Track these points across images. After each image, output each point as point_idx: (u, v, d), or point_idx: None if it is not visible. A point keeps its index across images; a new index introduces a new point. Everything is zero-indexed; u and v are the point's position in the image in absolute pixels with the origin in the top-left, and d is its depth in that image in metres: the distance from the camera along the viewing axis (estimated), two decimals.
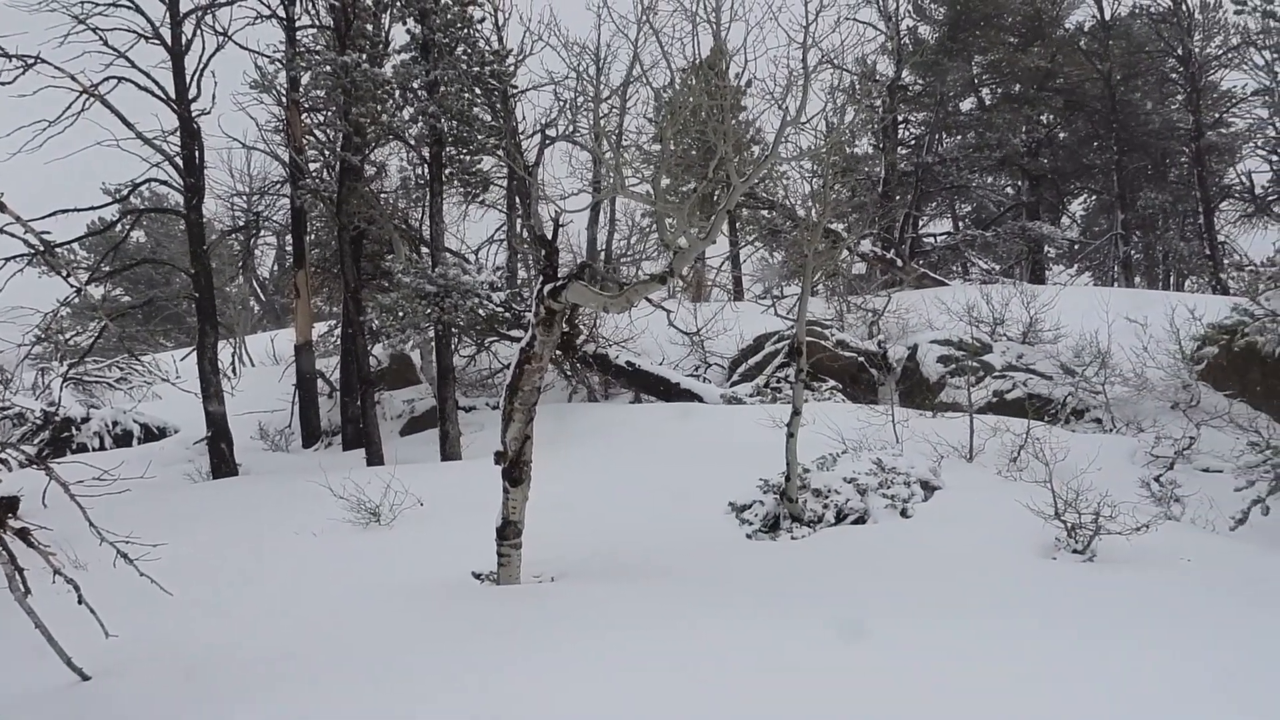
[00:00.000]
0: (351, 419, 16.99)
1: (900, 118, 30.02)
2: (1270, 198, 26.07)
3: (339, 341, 19.04)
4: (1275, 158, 26.30)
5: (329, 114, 17.82)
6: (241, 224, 24.57)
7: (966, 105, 31.70)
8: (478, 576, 7.74)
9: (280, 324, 32.53)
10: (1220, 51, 29.15)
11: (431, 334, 15.55)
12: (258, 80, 18.49)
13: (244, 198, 26.44)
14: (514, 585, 7.38)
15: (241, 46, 16.64)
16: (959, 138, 31.27)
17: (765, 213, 22.89)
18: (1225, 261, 27.43)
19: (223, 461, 14.82)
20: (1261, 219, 26.63)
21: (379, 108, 14.57)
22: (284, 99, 17.93)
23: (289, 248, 23.40)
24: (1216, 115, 29.21)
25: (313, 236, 20.73)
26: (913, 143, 31.03)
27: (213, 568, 8.14)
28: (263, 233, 27.69)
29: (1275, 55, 24.47)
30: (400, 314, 14.63)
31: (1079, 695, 4.72)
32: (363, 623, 6.50)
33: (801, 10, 7.62)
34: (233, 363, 21.40)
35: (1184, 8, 28.69)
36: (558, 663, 5.33)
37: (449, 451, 14.37)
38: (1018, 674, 5.00)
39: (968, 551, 7.56)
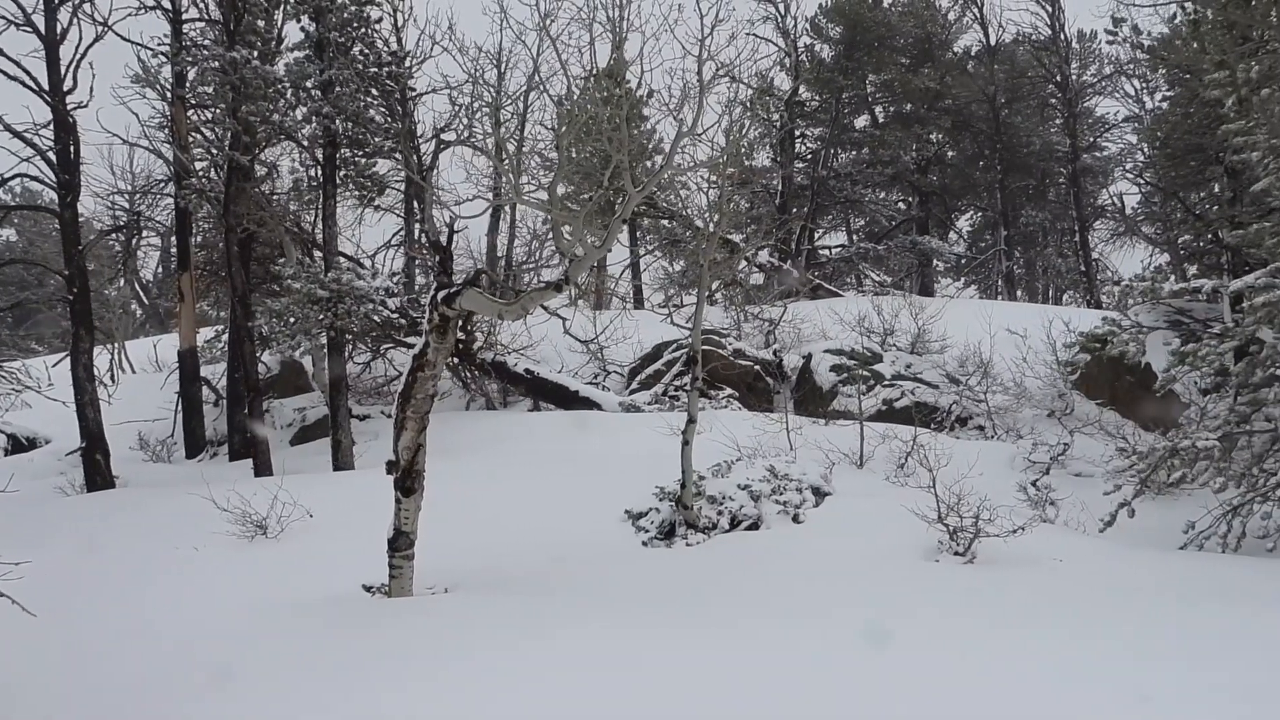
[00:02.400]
0: (239, 428, 16.37)
1: (797, 132, 30.74)
2: (1139, 218, 27.64)
3: (226, 347, 18.35)
4: (1143, 181, 27.91)
5: (217, 111, 17.18)
6: (122, 224, 23.43)
7: (861, 122, 32.68)
8: (369, 589, 7.57)
9: (164, 329, 31.16)
10: (1095, 79, 30.90)
11: (324, 340, 15.13)
12: (140, 74, 17.68)
13: (125, 196, 25.25)
14: (406, 598, 7.23)
15: (123, 38, 15.89)
16: (853, 153, 32.21)
17: (665, 222, 23.10)
18: (1099, 277, 29.01)
19: (98, 473, 14.07)
20: (1131, 238, 28.20)
21: (270, 106, 14.14)
22: (169, 94, 17.21)
23: (174, 249, 22.44)
24: (1091, 139, 30.91)
25: (199, 238, 19.94)
26: (809, 157, 31.81)
27: (81, 587, 7.73)
28: (145, 233, 26.51)
29: (1144, 84, 26.01)
30: (291, 319, 14.20)
31: (939, 688, 4.86)
32: (241, 643, 6.23)
33: (698, 24, 7.74)
34: (111, 369, 20.33)
35: (1062, 37, 30.31)
36: (437, 687, 5.20)
37: (341, 461, 14.00)
38: (886, 671, 5.13)
39: (855, 555, 7.76)
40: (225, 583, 7.82)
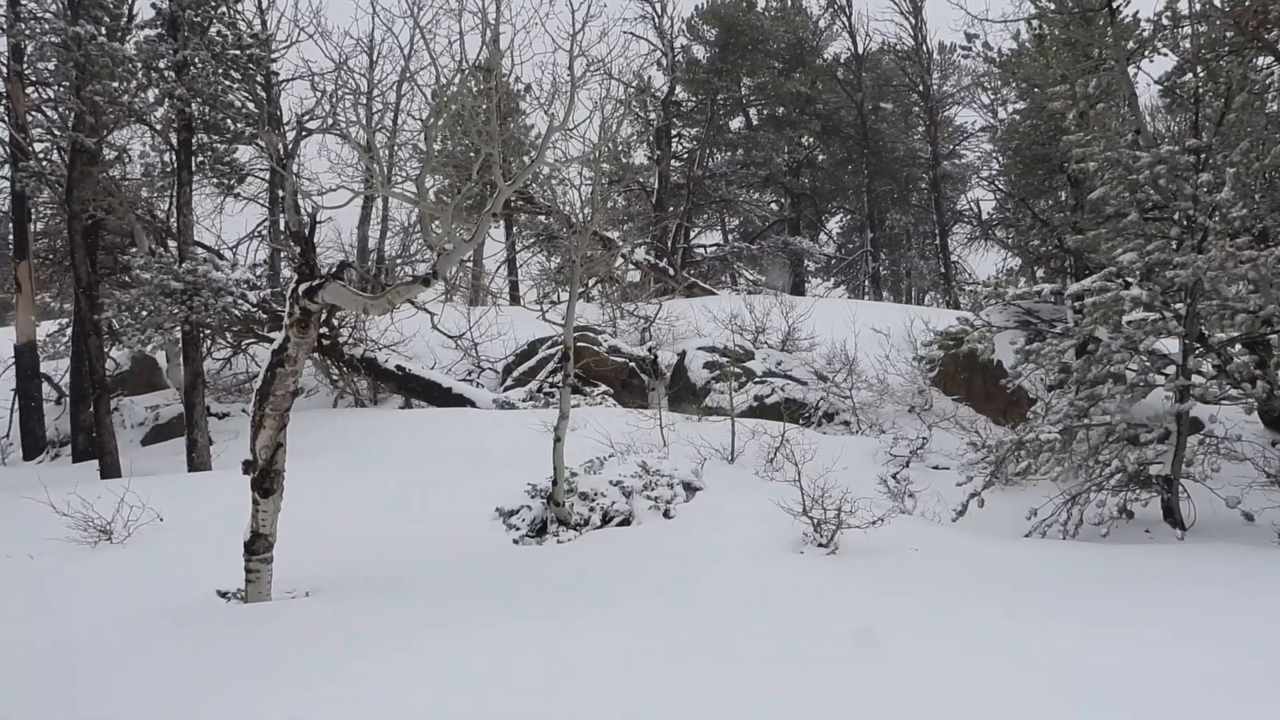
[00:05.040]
0: (83, 427, 15.39)
1: (674, 131, 31.10)
2: (994, 223, 29.15)
3: (70, 342, 17.22)
4: (997, 188, 29.46)
5: (59, 90, 16.07)
6: None
7: (735, 124, 33.34)
8: (224, 595, 7.22)
9: (0, 321, 28.99)
10: (954, 90, 32.42)
11: (178, 335, 14.38)
12: None
13: None
14: (264, 603, 6.93)
15: None
16: (728, 154, 32.82)
17: (542, 218, 22.97)
18: (957, 279, 30.47)
19: None
20: (986, 242, 29.72)
21: (119, 87, 13.32)
22: (4, 69, 15.98)
23: (10, 236, 20.86)
24: (951, 147, 32.41)
25: (40, 225, 18.65)
26: (685, 156, 32.24)
27: None
28: None
29: (996, 97, 27.42)
30: (142, 312, 13.45)
31: (801, 673, 4.99)
32: (76, 656, 5.83)
33: (569, 19, 7.70)
34: None
35: (924, 48, 31.65)
36: (295, 694, 4.99)
37: (197, 461, 13.34)
38: (750, 659, 5.24)
39: (724, 549, 7.89)
40: (63, 593, 7.31)
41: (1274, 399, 9.28)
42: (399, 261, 22.65)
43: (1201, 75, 10.21)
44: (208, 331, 14.95)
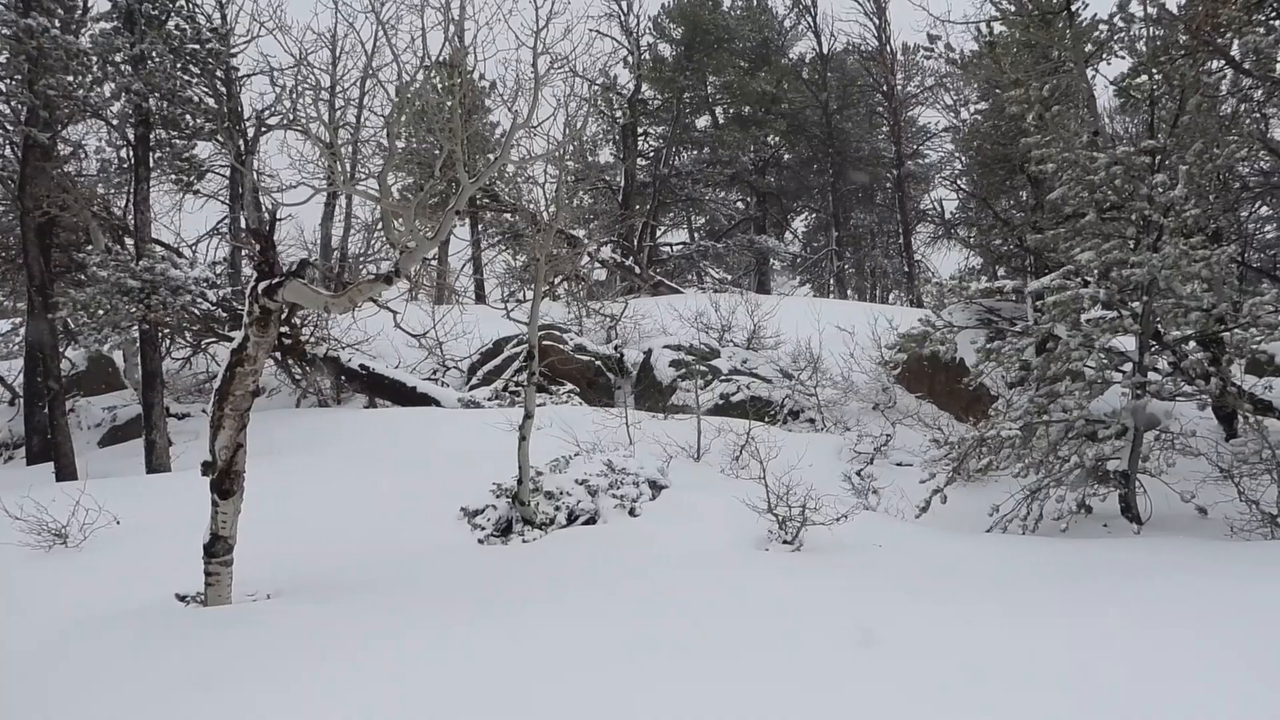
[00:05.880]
0: (38, 429, 15.08)
1: (640, 130, 31.10)
2: (956, 223, 29.47)
3: (23, 341, 16.86)
4: (959, 187, 29.81)
5: (11, 83, 15.72)
6: None
7: (701, 122, 33.40)
8: (182, 599, 7.10)
9: None
10: (918, 90, 32.72)
11: (136, 334, 14.13)
12: None
13: None
14: (224, 606, 6.83)
15: None
16: (694, 153, 32.88)
17: (508, 216, 22.88)
18: (920, 277, 30.78)
19: None
20: (949, 241, 30.06)
21: (73, 80, 13.05)
22: None
23: None
24: (914, 147, 32.71)
25: None
26: (651, 155, 32.25)
27: None
28: None
29: (958, 97, 27.75)
30: (99, 311, 13.20)
31: (759, 669, 5.00)
32: (29, 665, 5.69)
33: (533, 15, 7.66)
34: None
35: (888, 49, 31.92)
36: (262, 700, 4.90)
37: (156, 463, 13.12)
38: (713, 659, 5.25)
39: (688, 547, 7.90)
40: (15, 598, 7.15)
41: (1227, 395, 9.48)
42: (362, 259, 22.44)
43: (1156, 78, 10.39)
44: (166, 330, 14.71)
